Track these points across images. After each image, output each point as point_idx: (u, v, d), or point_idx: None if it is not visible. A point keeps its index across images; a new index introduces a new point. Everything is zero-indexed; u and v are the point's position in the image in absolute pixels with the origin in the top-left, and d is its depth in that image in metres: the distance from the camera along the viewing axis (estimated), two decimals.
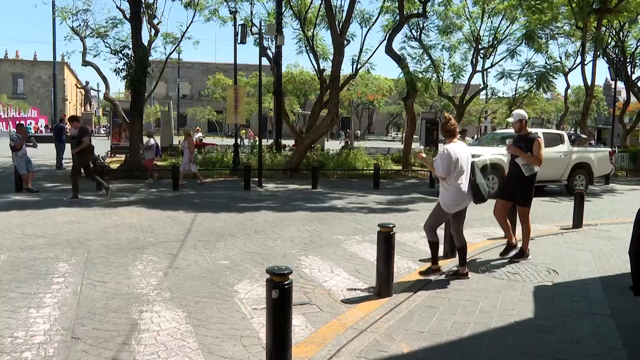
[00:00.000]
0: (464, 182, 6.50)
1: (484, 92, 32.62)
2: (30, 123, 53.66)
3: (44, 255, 7.55)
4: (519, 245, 7.78)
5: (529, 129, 8.09)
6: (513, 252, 7.73)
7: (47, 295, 5.77)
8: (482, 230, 10.31)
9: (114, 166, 20.45)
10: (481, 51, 29.21)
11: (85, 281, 6.31)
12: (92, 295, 5.80)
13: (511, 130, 19.83)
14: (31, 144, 17.21)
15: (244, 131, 48.53)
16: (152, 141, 18.17)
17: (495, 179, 15.33)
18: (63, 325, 4.94)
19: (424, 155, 7.02)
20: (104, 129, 67.39)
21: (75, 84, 77.81)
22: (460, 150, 6.52)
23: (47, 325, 4.92)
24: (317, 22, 26.08)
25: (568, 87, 35.51)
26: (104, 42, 21.61)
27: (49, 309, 5.36)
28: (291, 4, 25.45)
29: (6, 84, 72.66)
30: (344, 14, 22.47)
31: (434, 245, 6.68)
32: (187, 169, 17.21)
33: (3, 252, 7.66)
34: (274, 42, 24.93)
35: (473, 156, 14.80)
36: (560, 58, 31.20)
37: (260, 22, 25.55)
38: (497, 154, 15.55)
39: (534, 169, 7.51)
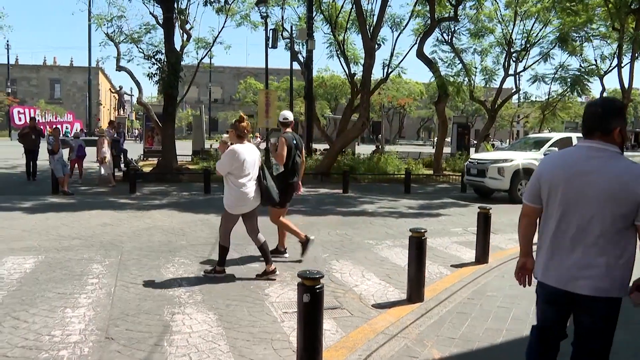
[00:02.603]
0: (248, 185, 6.55)
1: (516, 96, 32.16)
2: (67, 127, 54.72)
3: (78, 256, 7.68)
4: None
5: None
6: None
7: (82, 295, 5.87)
8: (514, 236, 10.15)
9: (147, 169, 20.72)
10: (513, 54, 28.79)
11: (118, 282, 6.40)
12: (125, 297, 5.88)
13: (545, 135, 19.60)
14: (69, 146, 17.54)
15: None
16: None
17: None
18: (97, 325, 5.02)
19: (225, 139, 7.04)
20: (134, 132, 68.49)
21: (110, 89, 79.37)
22: (248, 153, 6.60)
23: (82, 325, 5.00)
24: (348, 26, 26.07)
25: (604, 90, 34.76)
26: (137, 47, 21.93)
27: (83, 309, 5.45)
28: (322, 8, 25.49)
29: (44, 89, 74.48)
30: (375, 18, 22.44)
31: (222, 249, 6.77)
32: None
33: (40, 252, 7.82)
34: (304, 47, 25.00)
35: (505, 161, 14.93)
36: (596, 61, 30.50)
37: (291, 27, 25.68)
38: (530, 158, 15.35)
39: (279, 168, 7.62)
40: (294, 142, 7.78)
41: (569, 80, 26.61)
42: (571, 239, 2.97)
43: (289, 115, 8.03)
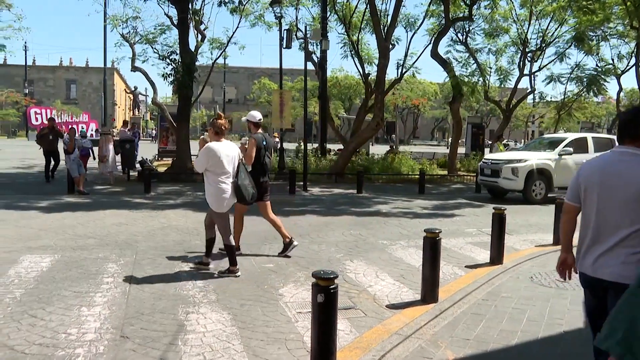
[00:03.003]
0: (226, 182, 6.67)
1: (531, 96, 31.90)
2: (83, 127, 55.19)
3: (94, 255, 7.74)
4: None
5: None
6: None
7: (98, 294, 5.92)
8: (529, 237, 10.10)
9: (162, 169, 20.84)
10: (529, 54, 28.61)
11: (133, 282, 6.44)
12: (140, 296, 5.92)
13: (559, 135, 19.44)
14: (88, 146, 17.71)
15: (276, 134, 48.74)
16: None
17: (542, 185, 15.00)
18: (112, 324, 5.06)
19: (204, 137, 7.16)
20: (151, 132, 68.88)
21: (125, 89, 79.85)
22: (225, 151, 6.69)
23: (97, 324, 5.04)
24: (362, 26, 26.06)
25: (620, 90, 34.47)
26: (152, 48, 22.06)
27: (99, 307, 5.49)
28: (336, 8, 25.50)
29: (60, 89, 75.21)
30: (389, 18, 22.40)
31: (228, 248, 6.85)
32: None
33: (57, 251, 7.90)
34: (319, 47, 24.99)
35: (519, 161, 14.83)
36: (613, 60, 30.25)
37: (305, 27, 25.66)
38: (544, 159, 15.22)
39: (249, 167, 7.62)
40: (264, 142, 7.92)
41: (585, 80, 26.43)
42: (602, 234, 3.21)
43: (259, 115, 8.15)
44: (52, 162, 17.65)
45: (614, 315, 1.58)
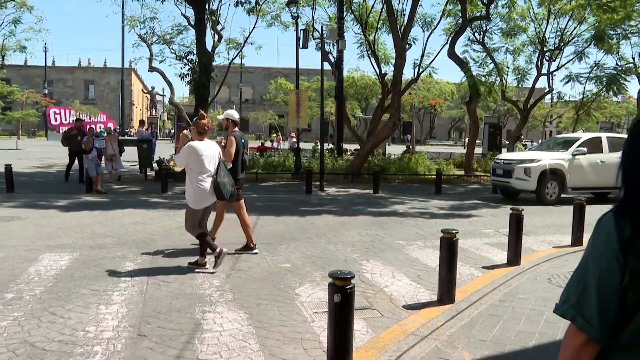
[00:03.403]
0: (206, 180, 6.85)
1: (549, 95, 31.59)
2: (101, 127, 55.72)
3: (112, 254, 7.81)
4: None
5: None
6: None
7: (115, 293, 5.97)
8: (547, 238, 10.01)
9: (178, 169, 20.92)
10: (547, 53, 28.28)
11: (150, 280, 6.49)
12: (157, 295, 5.96)
13: (573, 135, 19.21)
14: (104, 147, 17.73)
15: (274, 135, 49.02)
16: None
17: (556, 185, 14.81)
18: (130, 322, 5.10)
19: (187, 133, 7.29)
20: (169, 132, 69.26)
21: (142, 89, 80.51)
22: (206, 150, 6.87)
23: (115, 322, 5.08)
24: (379, 26, 25.98)
25: None
26: (169, 48, 22.22)
27: (116, 306, 5.53)
28: (352, 8, 25.46)
29: (79, 90, 75.99)
30: (406, 17, 22.33)
31: (201, 239, 7.05)
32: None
33: (75, 250, 7.98)
34: (335, 47, 24.99)
35: (531, 161, 14.66)
36: (633, 59, 29.80)
37: (321, 27, 25.67)
38: (557, 159, 14.99)
39: (228, 164, 7.74)
40: (242, 140, 8.11)
41: (604, 79, 26.06)
42: None
43: (236, 114, 8.33)
44: (76, 162, 17.43)
45: (569, 282, 1.62)
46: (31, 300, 5.64)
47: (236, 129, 8.16)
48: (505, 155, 17.97)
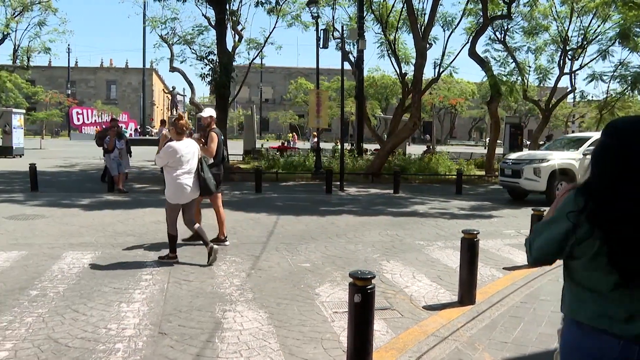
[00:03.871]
0: (183, 177, 7.05)
1: (571, 95, 31.18)
2: (122, 127, 56.34)
3: (133, 253, 7.89)
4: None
5: None
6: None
7: (137, 291, 6.02)
8: None
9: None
10: (569, 52, 27.94)
11: (171, 279, 6.53)
12: (178, 293, 5.99)
13: (584, 134, 18.87)
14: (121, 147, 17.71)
15: (290, 135, 49.09)
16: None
17: (565, 185, 14.49)
18: (151, 320, 5.13)
19: (166, 133, 7.51)
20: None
21: (163, 89, 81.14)
22: (185, 149, 7.15)
23: (136, 320, 5.12)
24: (399, 25, 25.92)
25: None
26: (190, 48, 22.42)
27: (138, 304, 5.58)
28: (373, 8, 25.42)
29: (101, 90, 76.94)
30: (426, 17, 22.22)
31: (171, 237, 7.31)
32: None
33: (97, 248, 8.06)
34: (355, 47, 24.99)
35: (541, 161, 14.36)
36: None
37: (342, 27, 25.65)
38: (567, 158, 14.55)
39: (209, 160, 8.02)
40: (221, 137, 8.48)
41: (629, 78, 25.70)
42: None
43: (214, 112, 8.77)
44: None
45: (531, 234, 2.23)
46: (55, 297, 5.71)
47: (214, 126, 8.52)
48: (513, 154, 17.47)
